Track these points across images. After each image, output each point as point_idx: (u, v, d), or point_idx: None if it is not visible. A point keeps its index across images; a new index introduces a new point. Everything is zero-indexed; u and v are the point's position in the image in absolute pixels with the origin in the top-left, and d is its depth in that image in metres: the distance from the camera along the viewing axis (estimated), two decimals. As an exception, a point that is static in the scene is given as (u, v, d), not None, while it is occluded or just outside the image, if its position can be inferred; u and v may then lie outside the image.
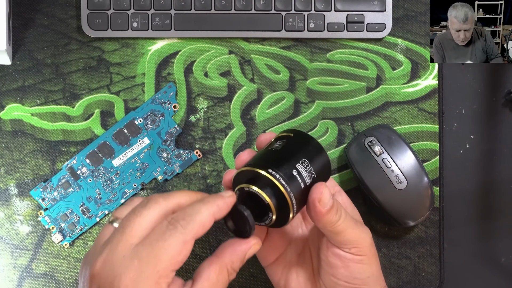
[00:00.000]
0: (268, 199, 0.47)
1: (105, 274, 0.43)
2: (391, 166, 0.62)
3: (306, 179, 0.49)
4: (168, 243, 0.43)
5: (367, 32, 0.66)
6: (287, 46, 0.67)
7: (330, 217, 0.48)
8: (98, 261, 0.44)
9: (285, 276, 0.55)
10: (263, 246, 0.54)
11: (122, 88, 0.66)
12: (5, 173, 0.65)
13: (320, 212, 0.48)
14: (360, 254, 0.50)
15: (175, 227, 0.43)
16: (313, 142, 0.52)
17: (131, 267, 0.43)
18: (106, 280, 0.43)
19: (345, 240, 0.50)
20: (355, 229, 0.50)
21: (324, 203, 0.48)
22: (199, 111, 0.66)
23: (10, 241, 0.64)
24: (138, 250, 0.43)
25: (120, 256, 0.43)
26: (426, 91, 0.67)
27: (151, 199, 0.46)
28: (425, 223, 0.66)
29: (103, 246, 0.45)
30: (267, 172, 0.47)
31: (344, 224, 0.49)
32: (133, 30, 0.65)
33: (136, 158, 0.65)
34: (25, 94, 0.65)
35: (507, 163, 0.68)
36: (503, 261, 0.68)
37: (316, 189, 0.48)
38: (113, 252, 0.44)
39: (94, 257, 0.45)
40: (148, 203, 0.45)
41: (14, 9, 0.65)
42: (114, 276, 0.43)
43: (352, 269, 0.51)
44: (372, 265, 0.51)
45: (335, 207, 0.49)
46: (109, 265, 0.43)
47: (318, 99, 0.67)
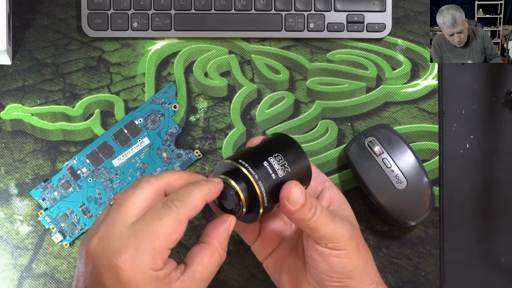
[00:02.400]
0: (236, 186, 0.49)
1: (102, 251, 0.44)
2: (391, 166, 0.62)
3: (278, 171, 0.50)
4: (164, 221, 0.44)
5: (367, 32, 0.66)
6: (287, 46, 0.67)
7: (302, 214, 0.49)
8: (94, 238, 0.45)
9: (279, 270, 0.56)
10: (258, 242, 0.57)
11: (122, 88, 0.66)
12: (5, 173, 0.65)
13: (289, 210, 0.49)
14: (338, 249, 0.51)
15: (170, 207, 0.45)
16: (292, 142, 0.53)
17: (129, 243, 0.44)
18: (103, 256, 0.44)
19: (320, 236, 0.51)
20: (330, 225, 0.51)
21: (293, 201, 0.49)
22: (199, 111, 0.66)
23: (10, 241, 0.64)
24: (134, 228, 0.44)
25: (117, 233, 0.44)
26: (426, 91, 0.67)
27: (143, 179, 0.47)
28: (425, 223, 0.66)
29: (99, 225, 0.46)
30: (237, 162, 0.50)
31: (319, 221, 0.50)
32: (133, 30, 0.65)
33: (136, 158, 0.65)
34: (25, 94, 0.65)
35: (507, 163, 0.68)
36: (503, 261, 0.68)
37: (285, 188, 0.49)
38: (110, 229, 0.45)
39: (91, 235, 0.46)
40: (140, 183, 0.47)
41: (14, 9, 0.65)
42: (111, 252, 0.44)
43: (332, 263, 0.51)
44: (354, 259, 0.52)
45: (308, 205, 0.49)
46: (106, 242, 0.44)
47: (318, 99, 0.67)
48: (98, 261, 0.44)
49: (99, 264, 0.44)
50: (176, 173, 0.49)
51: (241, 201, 0.49)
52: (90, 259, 0.45)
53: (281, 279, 0.56)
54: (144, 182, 0.47)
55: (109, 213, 0.46)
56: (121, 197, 0.47)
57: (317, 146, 0.66)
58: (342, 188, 0.66)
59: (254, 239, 0.57)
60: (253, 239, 0.57)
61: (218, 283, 0.65)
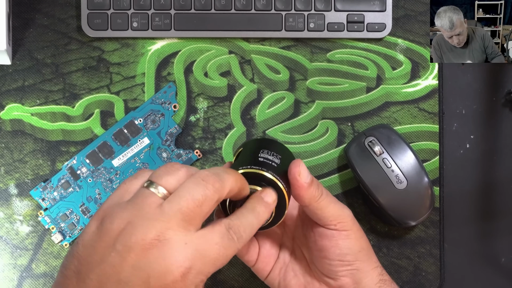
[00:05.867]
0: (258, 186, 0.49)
1: (160, 253, 0.42)
2: (391, 166, 0.62)
3: (274, 159, 0.51)
4: (225, 255, 0.44)
5: (367, 32, 0.66)
6: (287, 46, 0.67)
7: (312, 191, 0.50)
8: (151, 234, 0.42)
9: (284, 278, 0.56)
10: (259, 259, 0.56)
11: (122, 88, 0.66)
12: (5, 173, 0.65)
13: (302, 186, 0.50)
14: (346, 229, 0.52)
15: (233, 240, 0.44)
16: (260, 139, 0.55)
17: (192, 259, 0.42)
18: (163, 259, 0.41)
19: (329, 215, 0.52)
20: (336, 204, 0.52)
21: (304, 176, 0.50)
22: (199, 111, 0.66)
23: (10, 241, 0.64)
24: (195, 243, 0.42)
25: (181, 242, 0.42)
26: (426, 91, 0.67)
27: (209, 187, 0.44)
28: (425, 223, 0.66)
29: (152, 220, 0.42)
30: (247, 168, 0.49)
31: (326, 199, 0.51)
32: (133, 30, 0.65)
33: (136, 158, 0.65)
34: (25, 94, 0.65)
35: (507, 163, 0.68)
36: (503, 261, 0.68)
37: (293, 164, 0.50)
38: (171, 234, 0.42)
39: (143, 228, 0.42)
40: (207, 192, 0.43)
41: (14, 9, 0.65)
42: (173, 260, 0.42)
43: (342, 246, 0.52)
44: (360, 239, 0.53)
45: (315, 183, 0.51)
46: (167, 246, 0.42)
47: (318, 99, 0.67)
48: (150, 264, 0.41)
49: (152, 267, 0.41)
50: (236, 181, 0.46)
51: None
52: (140, 256, 0.41)
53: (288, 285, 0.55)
54: (212, 191, 0.44)
55: (169, 215, 0.42)
56: (186, 203, 0.43)
57: (317, 146, 0.66)
58: (342, 188, 0.66)
59: (255, 258, 0.56)
60: (255, 258, 0.56)
61: (218, 283, 0.65)
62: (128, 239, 0.41)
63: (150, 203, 0.43)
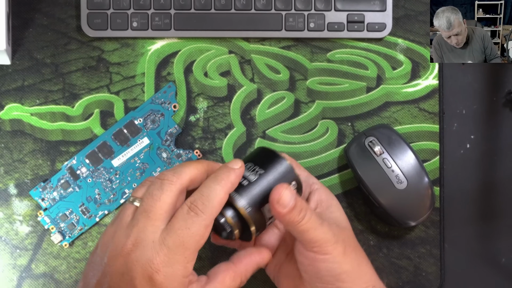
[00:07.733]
0: None
1: (136, 255, 0.47)
2: (391, 166, 0.62)
3: (249, 177, 0.51)
4: (192, 231, 0.47)
5: (367, 32, 0.66)
6: (287, 46, 0.67)
7: (292, 217, 0.50)
8: (127, 243, 0.47)
9: (278, 275, 0.57)
10: None
11: (122, 88, 0.66)
12: (4, 173, 0.64)
13: (279, 213, 0.50)
14: (323, 253, 0.51)
15: (196, 213, 0.47)
16: (263, 148, 0.54)
17: (161, 253, 0.46)
18: (137, 262, 0.47)
19: (308, 239, 0.51)
20: (318, 229, 0.50)
21: (283, 204, 0.49)
22: (199, 111, 0.66)
23: (9, 241, 0.64)
24: (165, 239, 0.47)
25: (149, 241, 0.47)
26: (427, 91, 0.67)
27: (165, 182, 0.49)
28: (425, 223, 0.66)
29: (128, 227, 0.48)
30: None
31: (308, 224, 0.50)
32: (133, 29, 0.65)
33: (136, 158, 0.65)
34: (24, 94, 0.65)
35: (507, 163, 0.68)
36: (503, 261, 0.68)
37: (275, 191, 0.50)
38: (142, 236, 0.47)
39: (121, 237, 0.48)
40: (163, 186, 0.49)
41: (13, 9, 0.65)
42: (146, 260, 0.46)
43: (318, 267, 0.51)
44: (342, 263, 0.51)
45: (298, 208, 0.50)
46: (140, 248, 0.47)
47: (318, 99, 0.66)
48: (132, 266, 0.47)
49: (133, 269, 0.46)
50: (195, 167, 0.50)
51: (229, 224, 0.50)
52: (123, 262, 0.47)
53: (280, 284, 0.56)
54: (167, 184, 0.49)
55: (138, 218, 0.48)
56: (148, 202, 0.48)
57: (317, 146, 0.66)
58: (342, 188, 0.66)
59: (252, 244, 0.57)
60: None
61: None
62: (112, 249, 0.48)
63: (129, 213, 0.49)
